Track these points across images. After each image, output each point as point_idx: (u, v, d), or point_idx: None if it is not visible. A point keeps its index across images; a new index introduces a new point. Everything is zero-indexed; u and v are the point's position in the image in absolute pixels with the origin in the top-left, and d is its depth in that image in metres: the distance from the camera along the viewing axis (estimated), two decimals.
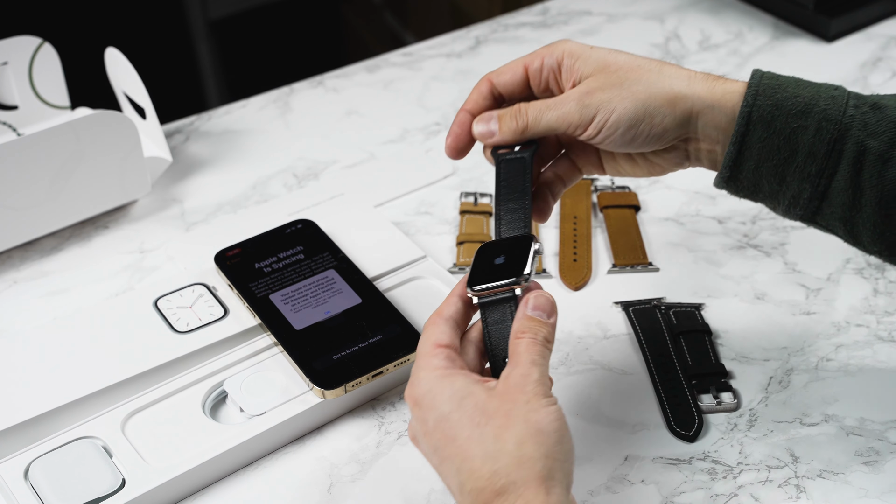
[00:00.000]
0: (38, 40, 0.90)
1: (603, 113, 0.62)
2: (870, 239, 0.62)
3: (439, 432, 0.54)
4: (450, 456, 0.53)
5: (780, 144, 0.60)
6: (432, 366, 0.56)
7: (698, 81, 0.62)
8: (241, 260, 0.77)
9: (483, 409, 0.53)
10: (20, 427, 0.66)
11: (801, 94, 0.60)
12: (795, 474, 0.65)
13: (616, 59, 0.63)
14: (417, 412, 0.56)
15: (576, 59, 0.63)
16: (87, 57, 1.17)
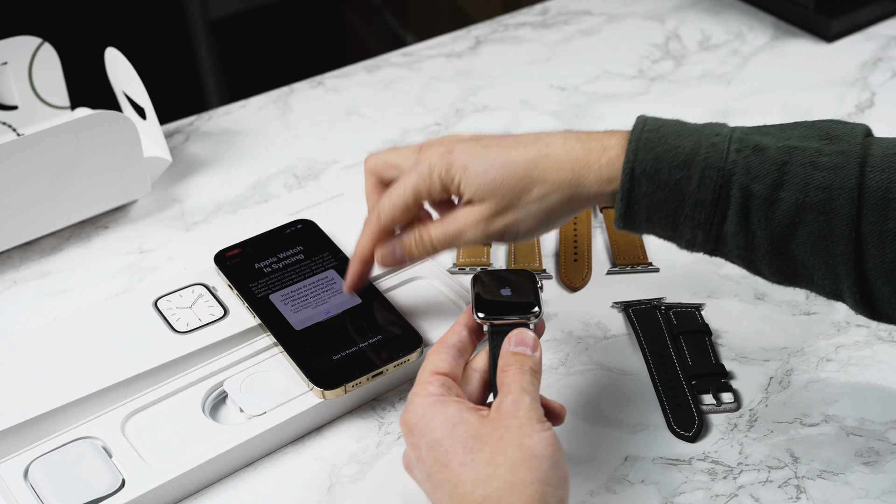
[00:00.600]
0: (38, 40, 0.90)
1: (508, 235, 0.64)
2: (769, 272, 0.62)
3: (431, 458, 0.54)
4: (442, 482, 0.53)
5: (667, 196, 0.60)
6: (426, 392, 0.56)
7: (580, 162, 0.62)
8: (240, 260, 0.77)
9: (476, 435, 0.53)
10: (20, 427, 0.66)
11: (682, 144, 0.60)
12: (795, 475, 0.65)
13: (497, 180, 0.62)
14: (410, 438, 0.56)
15: (460, 184, 0.64)
16: (87, 57, 1.17)
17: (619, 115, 0.99)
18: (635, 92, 1.03)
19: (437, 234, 0.65)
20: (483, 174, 0.62)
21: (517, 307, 0.62)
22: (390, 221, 0.66)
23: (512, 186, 0.62)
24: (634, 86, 1.04)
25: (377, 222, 0.67)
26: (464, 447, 0.53)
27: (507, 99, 1.03)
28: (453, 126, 0.99)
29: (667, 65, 1.07)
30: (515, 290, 0.63)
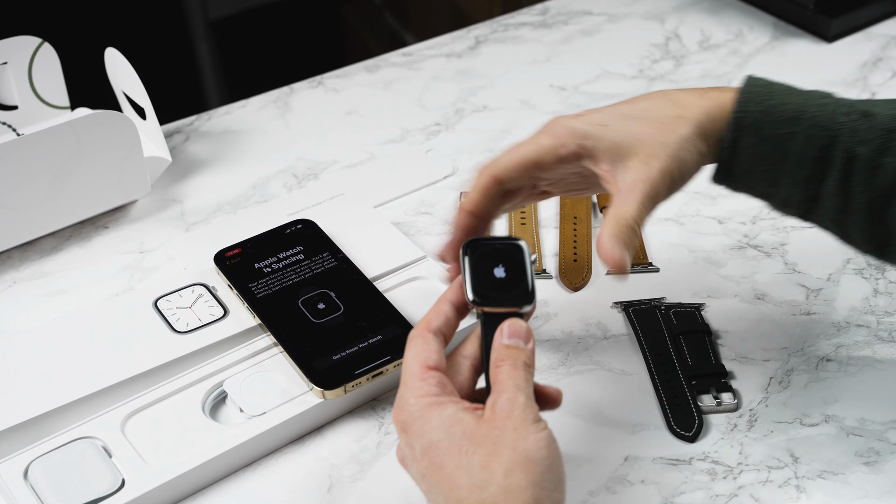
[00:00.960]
0: (38, 40, 0.90)
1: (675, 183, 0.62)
2: (861, 240, 0.62)
3: (427, 460, 0.53)
4: (437, 483, 0.53)
5: (770, 150, 0.61)
6: (422, 391, 0.55)
7: (700, 109, 0.62)
8: (240, 260, 0.77)
9: (471, 438, 0.52)
10: (20, 427, 0.66)
11: (791, 101, 0.61)
12: (795, 475, 0.65)
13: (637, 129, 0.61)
14: (405, 437, 0.55)
15: (597, 145, 0.62)
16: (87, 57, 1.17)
17: None
18: (635, 92, 1.03)
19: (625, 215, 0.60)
20: (617, 133, 0.61)
21: (511, 292, 0.59)
22: (505, 173, 0.62)
23: (654, 130, 0.61)
24: (634, 86, 1.04)
25: (489, 173, 0.63)
26: (459, 450, 0.52)
27: (507, 99, 1.03)
28: (453, 126, 0.99)
29: (667, 65, 1.07)
30: (509, 269, 0.60)
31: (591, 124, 0.62)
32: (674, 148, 0.61)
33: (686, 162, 0.61)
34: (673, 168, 0.61)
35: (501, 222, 0.86)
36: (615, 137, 0.61)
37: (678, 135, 0.61)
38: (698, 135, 0.61)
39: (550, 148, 0.62)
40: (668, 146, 0.61)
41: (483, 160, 0.93)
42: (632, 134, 0.61)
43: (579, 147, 0.62)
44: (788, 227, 0.84)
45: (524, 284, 0.59)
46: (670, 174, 0.61)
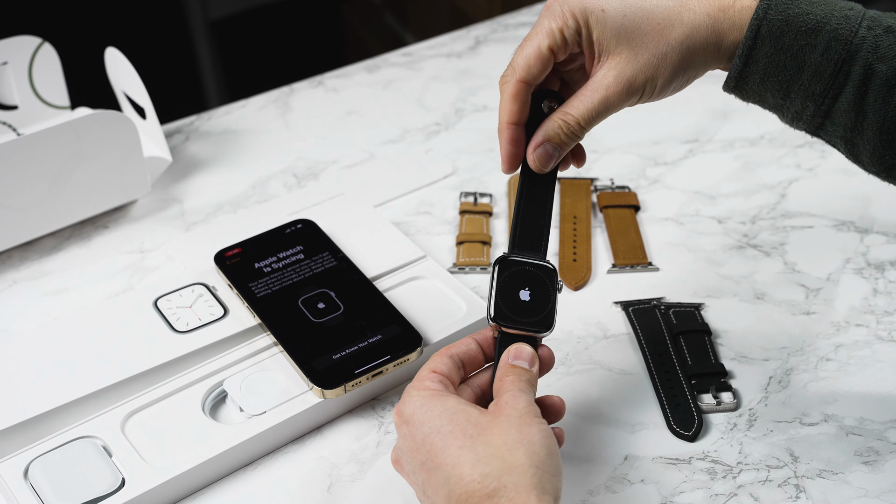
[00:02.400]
0: (38, 40, 0.90)
1: (648, 89, 0.61)
2: (869, 160, 0.61)
3: (428, 445, 0.54)
4: (438, 466, 0.53)
5: (787, 61, 0.59)
6: (424, 386, 0.57)
7: (718, 8, 0.60)
8: (240, 260, 0.77)
9: (476, 423, 0.54)
10: (20, 427, 0.66)
11: (814, 11, 0.59)
12: (795, 474, 0.65)
13: (636, 22, 0.59)
14: (405, 429, 0.56)
15: (594, 29, 0.60)
16: (87, 57, 1.17)
17: (619, 115, 0.99)
18: None
19: (581, 109, 0.61)
20: (622, 16, 0.59)
21: (532, 317, 0.61)
22: (526, 72, 0.60)
23: (651, 29, 0.59)
24: None
25: (513, 76, 0.61)
26: (463, 433, 0.53)
27: None
28: (453, 126, 0.99)
29: None
30: (534, 292, 0.61)
31: (592, 5, 0.60)
32: (668, 51, 0.59)
33: (685, 66, 0.60)
34: (660, 74, 0.60)
35: (502, 222, 0.86)
36: (610, 26, 0.59)
37: (679, 36, 0.59)
38: (706, 37, 0.59)
39: (556, 30, 0.60)
40: (662, 49, 0.59)
41: (482, 160, 0.94)
42: (626, 27, 0.59)
43: (579, 26, 0.60)
44: (788, 226, 0.84)
45: (546, 311, 0.61)
46: (652, 79, 0.60)
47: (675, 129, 0.97)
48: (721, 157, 0.93)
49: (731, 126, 0.97)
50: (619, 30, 0.59)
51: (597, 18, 0.59)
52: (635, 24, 0.59)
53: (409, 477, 0.57)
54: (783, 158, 0.93)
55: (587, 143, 0.95)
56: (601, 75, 0.60)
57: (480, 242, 0.83)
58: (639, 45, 0.59)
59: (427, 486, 0.55)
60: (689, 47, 0.60)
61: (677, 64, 0.60)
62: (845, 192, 0.88)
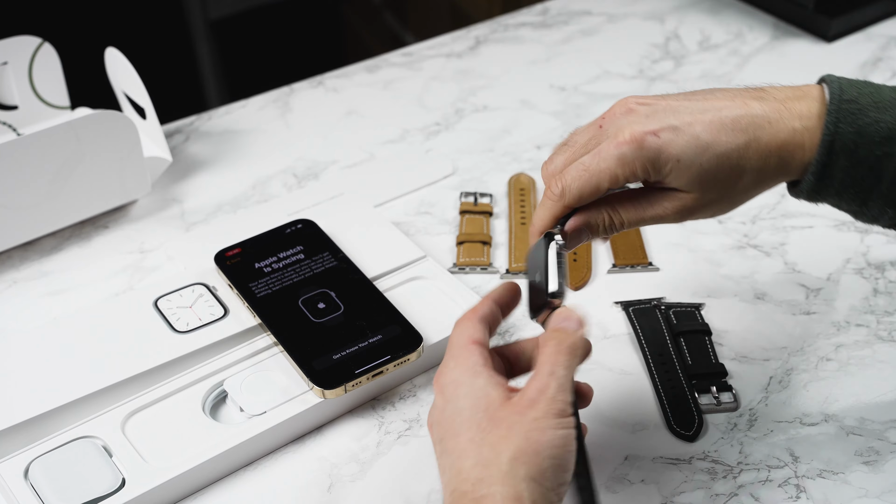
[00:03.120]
0: (38, 40, 0.90)
1: (703, 218, 0.61)
2: None
3: (447, 424, 0.54)
4: (450, 450, 0.53)
5: (864, 173, 0.58)
6: (465, 359, 0.55)
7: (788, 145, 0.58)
8: (241, 260, 0.77)
9: (492, 416, 0.53)
10: (20, 427, 0.66)
11: (884, 119, 0.57)
12: (795, 474, 0.65)
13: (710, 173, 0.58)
14: (439, 399, 0.55)
15: (665, 178, 0.58)
16: (87, 57, 1.17)
17: None
18: (635, 92, 1.03)
19: (631, 218, 0.60)
20: (698, 167, 0.57)
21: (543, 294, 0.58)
22: (576, 202, 0.59)
23: (724, 178, 0.58)
24: (634, 86, 1.04)
25: (562, 201, 0.59)
26: (478, 425, 0.53)
27: (507, 99, 1.03)
28: (453, 126, 0.99)
29: (667, 65, 1.07)
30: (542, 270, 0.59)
31: (666, 156, 0.57)
32: (735, 196, 0.59)
33: (748, 199, 0.60)
34: (721, 212, 0.60)
35: (502, 223, 0.86)
36: (684, 176, 0.58)
37: (748, 182, 0.59)
38: (775, 171, 0.58)
39: (621, 177, 0.58)
40: (730, 194, 0.59)
41: (482, 160, 0.94)
42: (700, 177, 0.58)
43: (648, 174, 0.59)
44: (788, 226, 0.84)
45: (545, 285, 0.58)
46: (712, 215, 0.60)
47: None
48: None
49: None
50: (692, 179, 0.58)
51: (670, 170, 0.58)
52: (710, 175, 0.58)
53: (434, 444, 0.56)
54: None
55: None
56: (663, 200, 0.59)
57: (480, 242, 0.83)
58: (708, 189, 0.58)
59: (440, 462, 0.55)
60: (757, 185, 0.59)
61: (741, 202, 0.60)
62: None
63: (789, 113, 0.58)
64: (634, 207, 0.60)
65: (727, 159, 0.58)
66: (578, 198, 0.59)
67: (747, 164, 0.58)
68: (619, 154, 0.57)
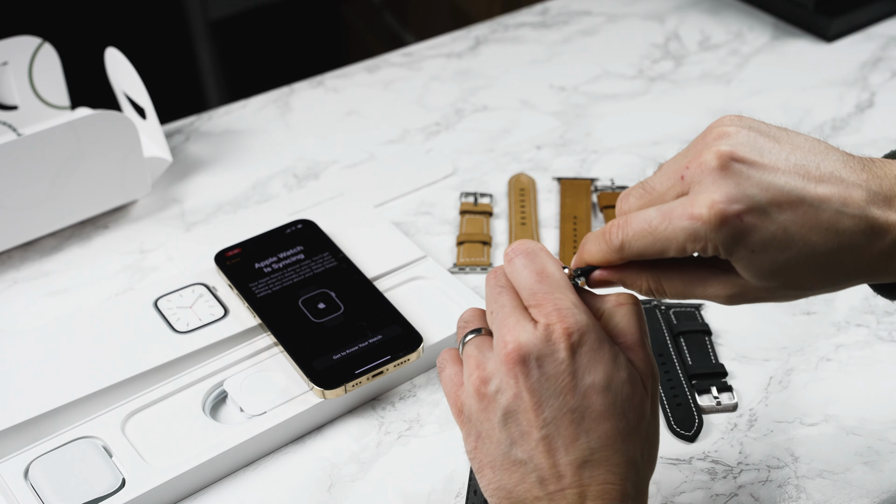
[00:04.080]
0: (38, 40, 0.90)
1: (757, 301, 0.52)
2: None
3: (587, 399, 0.49)
4: (587, 431, 0.49)
5: None
6: (592, 316, 0.51)
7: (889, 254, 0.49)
8: (241, 260, 0.77)
9: (632, 403, 0.51)
10: (20, 427, 0.66)
11: None
12: (795, 474, 0.65)
13: (787, 272, 0.49)
14: (564, 344, 0.49)
15: (735, 264, 0.49)
16: (87, 57, 1.17)
17: (619, 116, 1.00)
18: (635, 92, 1.03)
19: (675, 292, 0.52)
20: (771, 263, 0.48)
21: None
22: (632, 257, 0.51)
23: (796, 278, 0.49)
24: (634, 86, 1.04)
25: (619, 254, 0.51)
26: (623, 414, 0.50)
27: (507, 99, 1.03)
28: (453, 126, 0.99)
29: (667, 65, 1.07)
30: None
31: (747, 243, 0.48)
32: (808, 291, 0.51)
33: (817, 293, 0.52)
34: (785, 299, 0.52)
35: (502, 223, 0.86)
36: (755, 268, 0.49)
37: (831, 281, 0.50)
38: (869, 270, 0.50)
39: (689, 250, 0.49)
40: (800, 293, 0.51)
41: (482, 160, 0.93)
42: (773, 272, 0.49)
43: (718, 254, 0.49)
44: None
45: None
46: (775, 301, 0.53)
47: (675, 129, 0.97)
48: None
49: None
50: (761, 272, 0.49)
51: (741, 258, 0.48)
52: (784, 273, 0.49)
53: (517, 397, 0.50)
54: None
55: (586, 144, 0.95)
56: (717, 282, 0.51)
57: (481, 243, 0.83)
58: (777, 286, 0.50)
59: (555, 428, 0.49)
60: (837, 285, 0.51)
61: (808, 296, 0.52)
62: None
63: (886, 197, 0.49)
64: (682, 282, 0.52)
65: (812, 262, 0.49)
66: (638, 256, 0.51)
67: (836, 270, 0.49)
68: (691, 229, 0.48)
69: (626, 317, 0.52)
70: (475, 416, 0.51)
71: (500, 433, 0.50)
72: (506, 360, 0.50)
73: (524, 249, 0.53)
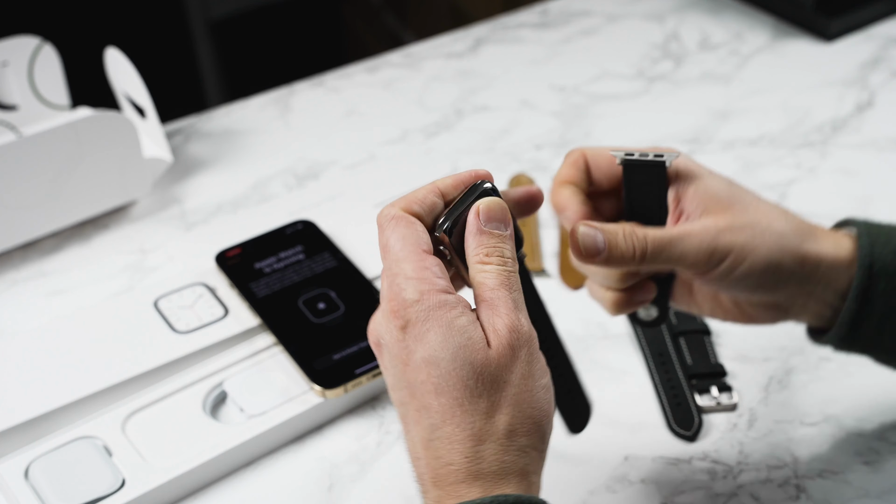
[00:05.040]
0: (38, 40, 0.90)
1: (734, 258, 0.55)
2: None
3: (424, 374, 0.46)
4: (427, 408, 0.46)
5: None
6: (426, 283, 0.47)
7: (822, 238, 0.57)
8: (241, 260, 0.77)
9: (479, 374, 0.46)
10: (20, 427, 0.66)
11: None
12: (795, 474, 0.65)
13: (741, 195, 0.56)
14: (399, 335, 0.47)
15: (691, 183, 0.56)
16: (87, 57, 1.17)
17: (619, 116, 1.00)
18: (635, 92, 1.03)
19: (655, 236, 0.54)
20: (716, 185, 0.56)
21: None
22: (594, 161, 0.57)
23: (750, 204, 0.56)
24: (634, 86, 1.04)
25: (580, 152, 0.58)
26: (465, 386, 0.46)
27: (507, 99, 1.03)
28: (453, 126, 0.99)
29: (666, 65, 1.07)
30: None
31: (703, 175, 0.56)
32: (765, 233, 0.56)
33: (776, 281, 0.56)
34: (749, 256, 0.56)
35: None
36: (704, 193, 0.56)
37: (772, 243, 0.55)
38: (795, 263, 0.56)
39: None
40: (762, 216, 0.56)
41: (482, 160, 0.94)
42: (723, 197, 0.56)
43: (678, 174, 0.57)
44: None
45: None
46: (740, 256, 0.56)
47: (675, 129, 0.97)
48: (721, 157, 0.93)
49: (731, 126, 0.97)
50: (723, 195, 0.56)
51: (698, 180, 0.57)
52: (742, 200, 0.56)
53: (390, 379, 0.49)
54: (783, 158, 0.93)
55: (586, 144, 0.95)
56: (692, 225, 0.55)
57: None
58: (739, 214, 0.56)
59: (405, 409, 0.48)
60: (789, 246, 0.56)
61: (773, 253, 0.55)
62: (845, 192, 0.88)
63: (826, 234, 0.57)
64: (658, 230, 0.55)
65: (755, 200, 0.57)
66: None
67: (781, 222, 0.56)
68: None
69: (488, 274, 0.49)
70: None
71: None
72: (370, 343, 0.50)
73: (378, 222, 0.51)
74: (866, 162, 0.92)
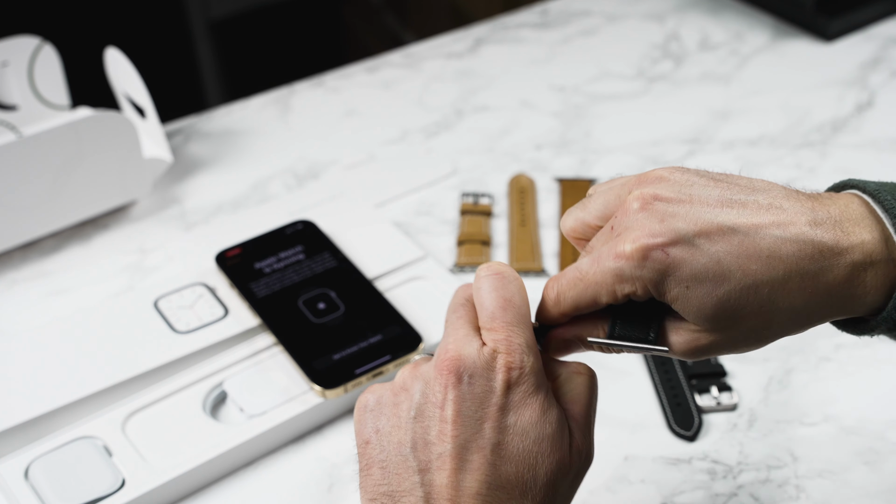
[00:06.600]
0: (38, 40, 0.90)
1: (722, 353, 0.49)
2: None
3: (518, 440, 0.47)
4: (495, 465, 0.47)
5: None
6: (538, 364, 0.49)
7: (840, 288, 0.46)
8: (241, 260, 0.77)
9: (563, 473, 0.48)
10: (20, 427, 0.66)
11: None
12: (795, 474, 0.65)
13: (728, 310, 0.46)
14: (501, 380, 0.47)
15: (672, 304, 0.47)
16: (87, 57, 1.17)
17: (619, 116, 1.00)
18: (635, 92, 1.03)
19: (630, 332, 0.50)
20: (710, 297, 0.46)
21: None
22: (573, 312, 0.50)
23: (745, 317, 0.46)
24: (634, 86, 1.04)
25: (556, 308, 0.50)
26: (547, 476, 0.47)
27: (507, 99, 1.03)
28: (453, 126, 0.99)
29: (666, 65, 1.07)
30: None
31: (676, 277, 0.46)
32: (766, 338, 0.48)
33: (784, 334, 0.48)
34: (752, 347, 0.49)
35: (502, 222, 0.86)
36: (694, 307, 0.46)
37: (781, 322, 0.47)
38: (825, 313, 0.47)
39: (619, 295, 0.48)
40: (756, 337, 0.48)
41: (482, 160, 0.94)
42: (716, 313, 0.46)
43: (648, 295, 0.47)
44: None
45: None
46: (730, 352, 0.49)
47: (675, 129, 0.97)
48: (721, 157, 0.93)
49: (731, 126, 0.97)
50: (702, 312, 0.46)
51: (676, 296, 0.46)
52: (729, 311, 0.46)
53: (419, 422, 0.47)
54: (783, 158, 0.93)
55: (586, 144, 0.95)
56: (671, 331, 0.48)
57: (481, 243, 0.83)
58: (725, 328, 0.47)
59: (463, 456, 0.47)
60: (798, 326, 0.47)
61: (775, 339, 0.48)
62: None
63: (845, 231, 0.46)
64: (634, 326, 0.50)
65: (754, 296, 0.46)
66: (575, 308, 0.50)
67: (780, 304, 0.46)
68: (616, 269, 0.47)
69: (578, 386, 0.51)
70: (383, 407, 0.49)
71: (404, 430, 0.47)
72: (440, 365, 0.47)
73: (498, 271, 0.50)
74: (866, 162, 0.92)
